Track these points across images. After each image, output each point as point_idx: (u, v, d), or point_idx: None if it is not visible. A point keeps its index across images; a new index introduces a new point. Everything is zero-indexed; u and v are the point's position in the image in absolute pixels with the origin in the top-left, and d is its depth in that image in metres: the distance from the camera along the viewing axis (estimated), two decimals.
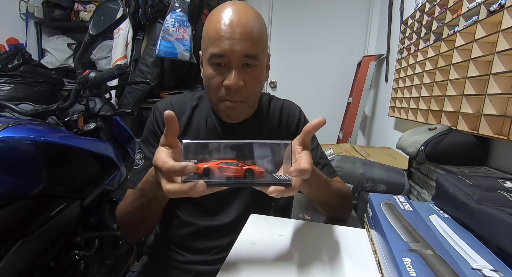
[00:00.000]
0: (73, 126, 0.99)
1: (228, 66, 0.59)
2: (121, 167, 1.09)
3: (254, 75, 0.61)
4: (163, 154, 0.41)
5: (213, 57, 0.59)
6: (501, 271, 0.37)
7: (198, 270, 0.69)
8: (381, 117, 2.31)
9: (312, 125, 0.46)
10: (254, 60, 0.60)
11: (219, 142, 0.45)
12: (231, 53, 0.57)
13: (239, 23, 0.57)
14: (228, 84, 0.59)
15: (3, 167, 0.66)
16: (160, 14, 2.04)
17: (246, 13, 0.59)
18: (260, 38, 0.60)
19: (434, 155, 0.92)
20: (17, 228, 0.71)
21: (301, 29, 2.83)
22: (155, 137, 0.68)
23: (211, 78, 0.61)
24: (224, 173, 0.43)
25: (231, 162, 0.43)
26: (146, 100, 2.21)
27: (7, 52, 1.60)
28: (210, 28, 0.59)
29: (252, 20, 0.59)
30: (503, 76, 0.86)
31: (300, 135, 0.48)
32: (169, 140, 0.44)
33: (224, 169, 0.43)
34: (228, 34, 0.57)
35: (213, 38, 0.58)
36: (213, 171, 0.42)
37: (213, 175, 0.42)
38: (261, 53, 0.61)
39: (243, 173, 0.43)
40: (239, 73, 0.59)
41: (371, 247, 0.54)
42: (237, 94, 0.61)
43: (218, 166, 0.43)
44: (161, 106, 0.69)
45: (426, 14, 1.47)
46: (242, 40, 0.57)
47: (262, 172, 0.44)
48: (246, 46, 0.57)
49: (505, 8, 0.84)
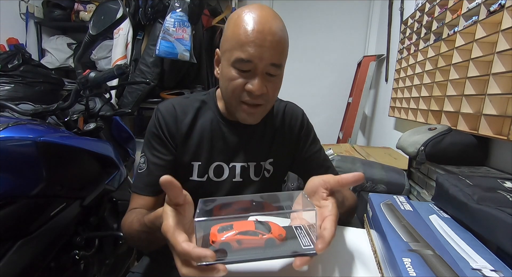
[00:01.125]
0: (73, 126, 0.99)
1: (252, 72, 0.59)
2: (121, 167, 1.09)
3: (275, 84, 0.62)
4: (172, 224, 0.37)
5: (238, 62, 0.58)
6: (501, 271, 0.37)
7: None
8: (381, 117, 2.31)
9: (349, 181, 0.43)
10: (277, 70, 0.60)
11: (232, 217, 0.41)
12: (258, 59, 0.57)
13: (270, 30, 0.56)
14: (253, 90, 0.58)
15: (3, 167, 0.66)
16: (160, 14, 2.05)
17: (276, 21, 0.58)
18: (285, 47, 0.60)
19: (434, 155, 0.92)
20: (17, 228, 0.70)
21: (301, 29, 2.83)
22: (158, 140, 0.67)
23: (232, 80, 0.60)
24: (242, 245, 0.39)
25: (249, 231, 0.39)
26: (146, 100, 2.21)
27: (7, 52, 1.59)
28: (238, 30, 0.57)
29: (281, 29, 0.58)
30: (503, 76, 0.86)
31: (331, 183, 0.44)
32: (175, 201, 0.39)
33: (243, 241, 0.39)
34: (258, 41, 0.55)
35: (241, 41, 0.56)
36: (231, 244, 0.38)
37: (231, 248, 0.38)
38: (284, 63, 0.62)
39: (264, 242, 0.40)
40: (262, 80, 0.59)
41: (371, 247, 0.54)
42: (258, 98, 0.61)
43: (236, 238, 0.39)
44: (163, 109, 0.68)
45: (426, 14, 1.47)
46: (271, 48, 0.56)
47: (283, 237, 0.40)
48: (274, 55, 0.57)
49: (505, 8, 0.84)
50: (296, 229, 0.42)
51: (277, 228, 0.41)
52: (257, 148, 0.71)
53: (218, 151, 0.69)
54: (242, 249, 0.39)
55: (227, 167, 0.69)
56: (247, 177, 0.70)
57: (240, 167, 0.69)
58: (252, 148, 0.70)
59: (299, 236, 0.41)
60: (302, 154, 0.75)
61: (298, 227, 0.43)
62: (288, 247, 0.39)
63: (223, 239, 0.38)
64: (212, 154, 0.68)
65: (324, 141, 2.01)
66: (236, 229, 0.39)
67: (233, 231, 0.39)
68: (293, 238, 0.41)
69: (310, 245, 0.39)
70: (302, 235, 0.41)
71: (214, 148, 0.68)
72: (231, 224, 0.40)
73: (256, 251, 0.39)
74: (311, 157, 0.75)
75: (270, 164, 0.72)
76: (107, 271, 1.05)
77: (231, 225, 0.39)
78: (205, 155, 0.68)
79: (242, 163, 0.69)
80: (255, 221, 0.41)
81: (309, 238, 0.40)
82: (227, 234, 0.38)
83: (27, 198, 0.71)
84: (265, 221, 0.42)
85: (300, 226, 0.43)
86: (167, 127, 0.66)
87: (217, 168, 0.69)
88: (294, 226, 0.43)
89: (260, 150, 0.71)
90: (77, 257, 0.88)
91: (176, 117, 0.67)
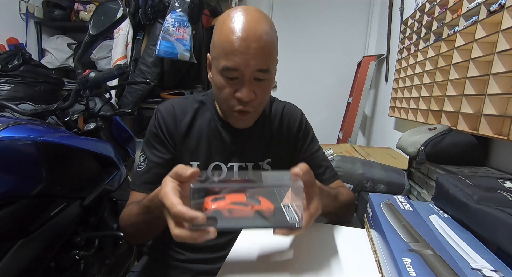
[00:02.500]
0: (73, 126, 0.99)
1: (240, 78, 0.59)
2: (121, 167, 1.09)
3: (265, 87, 0.62)
4: (169, 190, 0.40)
5: (225, 70, 0.58)
6: (501, 271, 0.37)
7: (198, 269, 0.69)
8: (381, 117, 2.31)
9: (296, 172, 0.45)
10: (265, 74, 0.60)
11: (227, 186, 0.44)
12: (244, 67, 0.57)
13: (254, 37, 0.55)
14: (241, 97, 0.59)
15: (3, 167, 0.66)
16: (160, 14, 2.05)
17: (261, 25, 0.57)
18: (272, 50, 0.60)
19: (434, 155, 0.92)
20: (17, 228, 0.70)
21: (301, 29, 2.83)
22: (158, 139, 0.68)
23: (222, 88, 0.61)
24: (233, 214, 0.42)
25: (240, 202, 0.42)
26: (146, 100, 2.21)
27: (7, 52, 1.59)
28: (223, 38, 0.57)
29: (266, 32, 0.57)
30: (503, 76, 0.86)
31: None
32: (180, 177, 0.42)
33: (234, 211, 0.42)
34: (242, 49, 0.55)
35: (226, 50, 0.56)
36: (223, 212, 0.42)
37: (222, 216, 0.42)
38: (272, 65, 0.62)
39: (253, 213, 0.43)
40: (250, 86, 0.59)
41: (371, 247, 0.54)
42: (248, 105, 0.61)
43: (227, 207, 0.42)
44: (163, 109, 0.69)
45: (426, 14, 1.47)
46: (256, 55, 0.56)
47: (271, 210, 0.44)
48: (260, 61, 0.57)
49: (505, 8, 0.84)
50: (284, 207, 0.46)
51: (266, 203, 0.44)
52: (255, 149, 0.71)
53: (216, 151, 0.69)
54: (232, 218, 0.42)
55: (225, 167, 0.69)
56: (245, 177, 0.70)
57: (238, 167, 0.70)
58: (250, 149, 0.71)
59: (286, 212, 0.45)
60: (300, 155, 0.75)
61: (287, 205, 0.46)
62: (276, 219, 0.43)
63: (215, 207, 0.41)
64: (210, 154, 0.69)
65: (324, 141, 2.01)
66: (228, 199, 0.42)
67: (225, 201, 0.42)
68: (280, 213, 0.44)
69: (295, 219, 0.43)
70: (289, 211, 0.45)
71: (212, 148, 0.69)
72: (223, 196, 0.43)
73: (246, 220, 0.43)
74: (309, 157, 0.75)
75: (268, 164, 0.72)
76: (107, 271, 1.05)
77: (223, 196, 0.43)
78: (204, 155, 0.68)
79: (240, 163, 0.70)
80: (246, 195, 0.44)
81: (296, 214, 0.44)
82: (220, 203, 0.42)
83: (27, 198, 0.71)
84: (256, 196, 0.45)
85: (289, 205, 0.46)
86: (167, 127, 0.68)
87: (216, 168, 0.69)
88: (283, 204, 0.46)
89: (258, 150, 0.72)
90: (77, 257, 0.88)
91: (175, 117, 0.68)
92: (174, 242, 0.71)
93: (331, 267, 0.48)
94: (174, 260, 0.71)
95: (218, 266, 0.47)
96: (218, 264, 0.50)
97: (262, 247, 0.52)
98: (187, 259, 0.70)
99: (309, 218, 0.44)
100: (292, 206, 0.46)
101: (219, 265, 0.47)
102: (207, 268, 0.69)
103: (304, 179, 0.44)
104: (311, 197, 0.46)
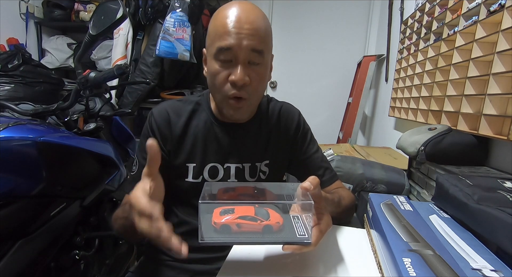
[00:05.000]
0: (73, 126, 0.99)
1: (234, 61, 0.59)
2: (121, 167, 1.09)
3: (259, 73, 0.62)
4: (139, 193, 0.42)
5: (220, 51, 0.58)
6: (501, 271, 0.37)
7: (196, 269, 0.69)
8: (381, 117, 2.31)
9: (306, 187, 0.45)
10: (259, 57, 0.60)
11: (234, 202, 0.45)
12: (238, 47, 0.57)
13: (247, 19, 0.58)
14: (234, 80, 0.59)
15: (3, 167, 0.66)
16: (160, 14, 2.04)
17: (254, 12, 0.60)
18: (266, 36, 0.61)
19: (434, 155, 0.92)
20: (17, 228, 0.70)
21: (301, 29, 2.83)
22: None
23: (216, 74, 0.60)
24: (241, 229, 0.43)
25: (249, 216, 0.43)
26: (146, 100, 2.21)
27: (7, 52, 1.59)
28: (217, 23, 0.59)
29: (259, 19, 0.60)
30: (503, 76, 0.86)
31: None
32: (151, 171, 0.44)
33: (242, 225, 0.43)
34: (236, 29, 0.57)
35: (220, 32, 0.58)
36: (231, 227, 0.42)
37: (231, 230, 0.43)
38: (267, 51, 0.62)
39: (261, 228, 0.43)
40: (244, 69, 0.59)
41: (371, 247, 0.54)
42: (242, 90, 0.60)
43: (236, 222, 0.42)
44: (156, 113, 0.69)
45: (426, 14, 1.47)
46: (249, 35, 0.58)
47: (280, 225, 0.44)
48: (253, 41, 0.58)
49: (505, 8, 0.84)
50: (293, 218, 0.46)
51: (275, 216, 0.44)
52: (252, 149, 0.71)
53: (212, 152, 0.69)
54: (241, 232, 0.42)
55: (221, 168, 0.69)
56: (242, 178, 0.70)
57: (234, 168, 0.69)
58: (246, 149, 0.70)
59: (295, 225, 0.44)
60: (299, 156, 0.75)
61: (296, 216, 0.46)
62: (284, 234, 0.43)
63: (223, 221, 0.42)
64: (206, 155, 0.68)
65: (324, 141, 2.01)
66: (237, 213, 0.43)
67: (234, 215, 0.42)
68: (289, 227, 0.44)
69: (304, 234, 0.42)
70: (299, 224, 0.44)
71: (208, 149, 0.69)
72: (232, 208, 0.43)
73: (254, 235, 0.42)
74: (308, 159, 0.75)
75: (266, 165, 0.72)
76: (107, 271, 1.05)
77: (232, 209, 0.43)
78: (200, 157, 0.68)
79: (237, 164, 0.69)
80: (255, 207, 0.44)
81: (304, 228, 0.43)
82: (228, 217, 0.42)
83: (27, 198, 0.72)
84: (265, 208, 0.45)
85: (298, 216, 0.46)
86: (160, 132, 0.68)
87: (212, 169, 0.68)
88: (292, 215, 0.46)
89: (255, 151, 0.71)
90: (77, 257, 0.88)
91: (169, 121, 0.68)
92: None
93: (331, 267, 0.48)
94: (172, 260, 0.70)
95: (217, 266, 0.47)
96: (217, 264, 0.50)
97: (262, 247, 0.52)
98: (184, 259, 0.70)
99: (320, 235, 0.43)
100: (301, 218, 0.46)
101: (217, 265, 0.47)
102: (205, 268, 0.68)
103: (314, 193, 0.44)
104: (321, 212, 0.46)
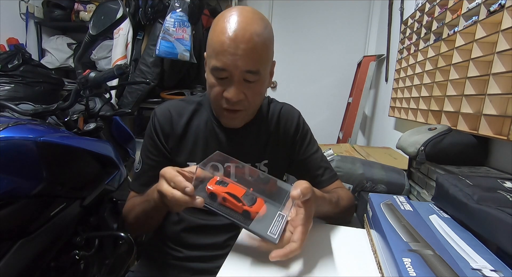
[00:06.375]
0: (73, 126, 0.99)
1: (229, 78, 0.60)
2: (121, 167, 1.09)
3: (255, 89, 0.62)
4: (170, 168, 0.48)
5: (215, 70, 0.59)
6: (501, 271, 0.37)
7: (196, 267, 0.69)
8: (381, 117, 2.31)
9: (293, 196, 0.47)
10: (255, 76, 0.60)
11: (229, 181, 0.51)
12: (233, 67, 0.57)
13: (244, 37, 0.56)
14: (229, 97, 0.60)
15: (3, 167, 0.66)
16: (160, 14, 2.04)
17: (252, 26, 0.57)
18: (263, 52, 0.59)
19: (434, 155, 0.92)
20: (17, 228, 0.70)
21: (301, 29, 2.83)
22: (153, 142, 0.70)
23: (212, 86, 0.62)
24: (225, 203, 0.47)
25: (236, 195, 0.47)
26: (146, 100, 2.21)
27: (7, 52, 1.60)
28: (214, 38, 0.58)
29: (258, 33, 0.57)
30: (503, 76, 0.86)
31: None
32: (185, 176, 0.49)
33: (227, 200, 0.47)
34: (231, 49, 0.56)
35: (217, 50, 0.58)
36: (218, 197, 0.48)
37: (216, 200, 0.48)
38: (264, 67, 0.61)
39: (241, 211, 0.47)
40: (239, 87, 0.60)
41: (371, 247, 0.54)
42: (237, 105, 0.62)
43: (223, 195, 0.47)
44: (159, 112, 0.71)
45: (426, 14, 1.47)
46: (244, 56, 0.56)
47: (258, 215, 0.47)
48: (248, 62, 0.57)
49: (505, 8, 0.84)
50: (278, 215, 0.49)
51: (259, 206, 0.48)
52: (251, 149, 0.72)
53: (213, 152, 0.69)
54: (224, 206, 0.48)
55: (222, 168, 0.69)
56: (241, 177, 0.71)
57: (234, 168, 0.70)
58: (246, 149, 0.71)
59: (274, 222, 0.47)
60: (299, 156, 0.75)
61: (281, 215, 0.49)
62: (258, 225, 0.46)
63: (213, 189, 0.48)
64: (207, 154, 0.68)
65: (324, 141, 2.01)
66: (228, 189, 0.48)
67: (224, 189, 0.48)
68: (267, 221, 0.47)
69: (275, 234, 0.45)
70: (278, 223, 0.47)
71: (208, 148, 0.69)
72: (228, 183, 0.50)
73: (234, 214, 0.47)
74: (308, 159, 0.75)
75: (265, 165, 0.72)
76: (107, 271, 1.04)
77: (227, 183, 0.49)
78: (200, 156, 0.69)
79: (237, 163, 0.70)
80: (247, 190, 0.49)
81: (279, 229, 0.46)
82: (218, 188, 0.48)
83: (27, 198, 0.71)
84: (257, 196, 0.50)
85: (283, 215, 0.49)
86: (162, 131, 0.69)
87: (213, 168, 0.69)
88: (279, 212, 0.49)
89: (255, 151, 0.72)
90: (77, 257, 0.87)
91: (171, 121, 0.70)
92: (171, 239, 0.72)
93: (331, 267, 0.48)
94: (172, 258, 0.71)
95: (217, 265, 0.47)
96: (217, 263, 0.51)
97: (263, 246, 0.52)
98: (185, 257, 0.70)
99: (304, 236, 0.45)
100: (286, 218, 0.48)
101: (217, 263, 0.47)
102: (205, 266, 0.69)
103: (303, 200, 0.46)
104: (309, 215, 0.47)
